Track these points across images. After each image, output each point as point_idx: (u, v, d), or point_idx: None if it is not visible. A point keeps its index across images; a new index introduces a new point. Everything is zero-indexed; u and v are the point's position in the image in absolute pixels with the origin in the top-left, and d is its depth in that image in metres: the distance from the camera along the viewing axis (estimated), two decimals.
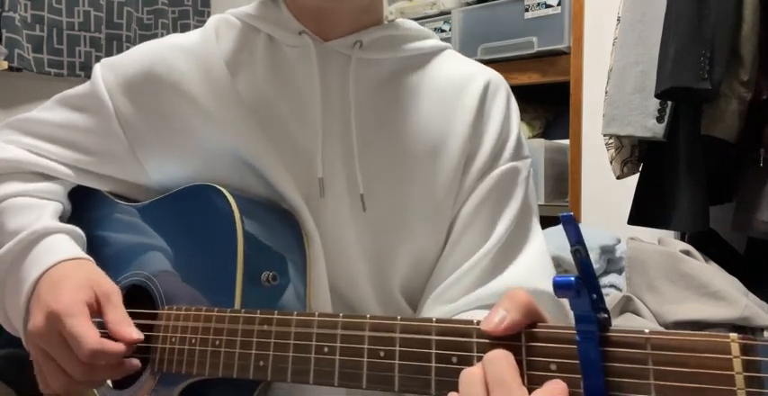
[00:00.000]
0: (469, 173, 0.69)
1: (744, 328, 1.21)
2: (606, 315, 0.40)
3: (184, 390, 0.60)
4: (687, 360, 0.37)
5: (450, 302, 0.66)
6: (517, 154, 0.71)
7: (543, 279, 0.66)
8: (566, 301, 0.40)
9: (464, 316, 0.63)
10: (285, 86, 0.68)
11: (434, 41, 0.74)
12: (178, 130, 0.67)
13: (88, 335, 0.56)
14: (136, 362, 0.60)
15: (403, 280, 0.69)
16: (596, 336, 0.39)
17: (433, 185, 0.68)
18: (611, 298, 1.33)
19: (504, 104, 0.72)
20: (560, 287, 0.38)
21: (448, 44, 0.76)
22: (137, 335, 0.59)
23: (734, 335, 0.36)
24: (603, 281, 1.47)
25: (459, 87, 0.71)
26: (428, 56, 0.73)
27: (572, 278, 0.38)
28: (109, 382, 0.67)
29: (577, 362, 0.39)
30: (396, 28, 0.72)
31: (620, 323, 1.27)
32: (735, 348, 0.35)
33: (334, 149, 0.66)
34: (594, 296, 0.39)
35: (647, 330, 0.38)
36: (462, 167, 0.69)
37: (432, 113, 0.69)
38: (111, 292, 0.61)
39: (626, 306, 1.31)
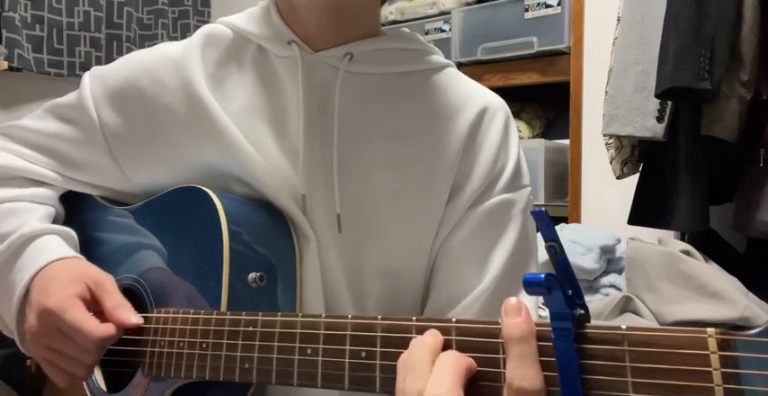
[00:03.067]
0: (457, 201, 0.66)
1: (744, 328, 1.20)
2: (583, 311, 0.39)
3: (176, 391, 0.60)
4: (664, 356, 0.36)
5: None
6: (513, 185, 0.68)
7: (535, 313, 0.63)
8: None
9: None
10: (272, 99, 0.67)
11: (435, 58, 0.70)
12: (162, 142, 0.67)
13: (90, 325, 0.57)
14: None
15: (378, 298, 0.67)
16: (572, 333, 0.38)
17: (415, 208, 0.66)
18: (610, 298, 1.33)
19: (499, 133, 0.68)
20: (530, 284, 0.38)
21: (449, 62, 0.72)
22: (135, 319, 0.60)
23: (711, 330, 0.35)
24: (603, 281, 1.47)
25: (454, 111, 0.68)
26: (426, 73, 0.69)
27: (542, 275, 0.37)
28: (102, 385, 0.67)
29: (554, 359, 0.39)
30: (393, 40, 0.69)
31: (620, 323, 1.26)
32: (712, 344, 0.35)
33: (317, 165, 0.65)
34: (570, 292, 0.38)
35: (624, 326, 0.38)
36: (448, 194, 0.66)
37: (421, 136, 0.67)
38: (105, 280, 0.62)
39: (626, 306, 1.31)
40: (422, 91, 0.69)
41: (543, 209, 0.38)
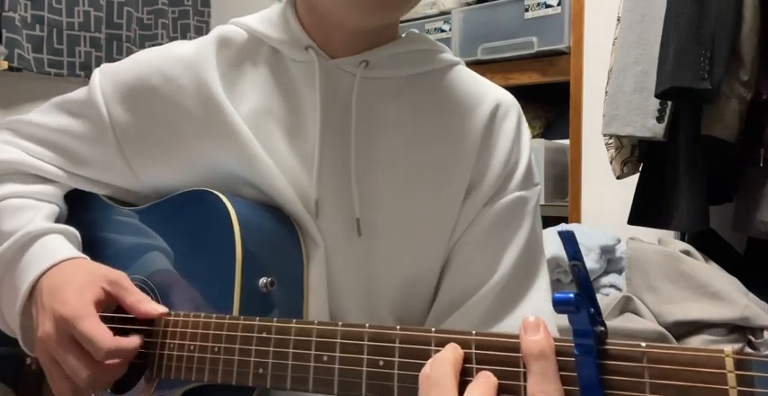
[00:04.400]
0: (473, 200, 0.66)
1: (744, 327, 1.21)
2: (603, 328, 0.40)
3: (183, 395, 0.60)
4: (682, 374, 0.37)
5: None
6: (526, 183, 0.69)
7: (551, 325, 0.65)
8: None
9: None
10: (286, 102, 0.67)
11: (444, 56, 0.71)
12: (173, 142, 0.67)
13: (103, 335, 0.56)
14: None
15: (394, 303, 0.67)
16: (594, 349, 0.39)
17: (433, 211, 0.66)
18: (610, 298, 1.33)
19: (513, 129, 0.69)
20: (560, 303, 0.39)
21: (458, 59, 0.72)
22: (162, 308, 0.60)
23: (728, 349, 0.36)
24: (603, 281, 1.47)
25: (467, 109, 0.68)
26: (438, 73, 0.70)
27: (571, 295, 0.39)
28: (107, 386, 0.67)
29: (576, 374, 0.40)
30: (404, 44, 0.69)
31: (620, 323, 1.27)
32: (729, 363, 0.36)
33: (331, 170, 0.65)
34: (592, 310, 0.40)
35: (643, 344, 0.39)
36: (464, 193, 0.67)
37: (437, 136, 0.67)
38: (119, 277, 0.61)
39: (626, 306, 1.31)
40: (435, 91, 0.69)
41: (571, 230, 0.40)
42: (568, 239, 0.40)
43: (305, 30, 0.67)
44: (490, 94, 0.70)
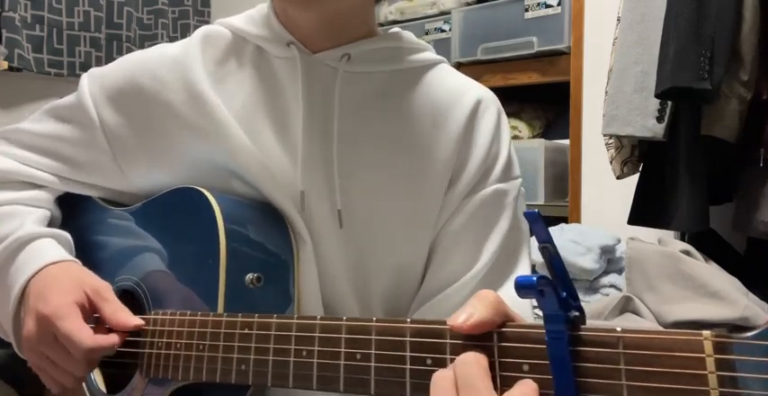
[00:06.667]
0: (454, 191, 0.68)
1: (744, 328, 1.20)
2: (578, 313, 0.38)
3: (174, 392, 0.60)
4: (660, 359, 0.35)
5: None
6: (506, 175, 0.70)
7: (530, 311, 0.65)
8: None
9: None
10: (270, 98, 0.67)
11: (428, 55, 0.72)
12: (162, 141, 0.67)
13: (81, 334, 0.57)
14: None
15: (383, 293, 0.68)
16: (566, 335, 0.38)
17: (415, 203, 0.67)
18: (610, 298, 1.33)
19: (493, 124, 0.70)
20: (522, 287, 0.37)
21: (442, 58, 0.74)
22: (136, 320, 0.60)
23: (707, 332, 0.35)
24: (603, 281, 1.47)
25: (449, 104, 0.69)
26: (420, 70, 0.71)
27: (533, 278, 0.37)
28: (102, 386, 0.67)
29: (548, 363, 0.38)
30: (388, 40, 0.71)
31: (620, 323, 1.27)
32: (708, 347, 0.34)
33: (315, 163, 0.66)
34: (564, 294, 0.38)
35: (619, 329, 0.37)
36: (446, 185, 0.68)
37: (419, 130, 0.68)
38: (102, 287, 0.62)
39: (626, 306, 1.31)
40: (418, 86, 0.70)
41: (536, 210, 0.38)
42: (535, 220, 0.37)
43: (285, 27, 0.68)
44: (471, 90, 0.71)
